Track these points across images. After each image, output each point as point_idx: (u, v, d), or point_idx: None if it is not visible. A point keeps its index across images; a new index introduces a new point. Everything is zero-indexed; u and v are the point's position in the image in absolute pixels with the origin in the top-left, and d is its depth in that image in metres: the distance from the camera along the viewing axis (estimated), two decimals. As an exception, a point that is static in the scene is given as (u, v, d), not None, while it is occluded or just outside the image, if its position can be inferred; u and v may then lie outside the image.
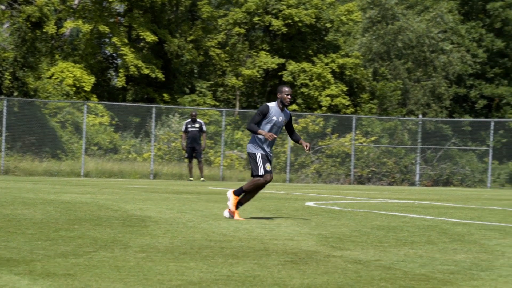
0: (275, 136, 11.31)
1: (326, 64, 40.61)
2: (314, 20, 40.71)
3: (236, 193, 11.52)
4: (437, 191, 29.33)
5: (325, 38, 42.19)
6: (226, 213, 11.60)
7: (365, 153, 36.19)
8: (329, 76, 39.98)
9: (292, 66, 40.01)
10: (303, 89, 39.78)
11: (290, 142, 34.86)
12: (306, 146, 11.50)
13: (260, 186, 11.49)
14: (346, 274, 6.45)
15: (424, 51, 43.29)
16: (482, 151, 37.54)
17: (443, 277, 6.52)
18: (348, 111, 39.81)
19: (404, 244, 8.91)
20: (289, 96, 11.35)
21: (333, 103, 39.59)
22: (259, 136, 11.31)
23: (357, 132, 36.49)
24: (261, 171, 11.32)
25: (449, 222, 12.31)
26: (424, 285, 6.09)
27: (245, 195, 11.58)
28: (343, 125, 36.65)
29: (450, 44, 44.08)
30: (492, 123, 37.03)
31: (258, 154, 11.35)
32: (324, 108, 39.47)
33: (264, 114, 11.25)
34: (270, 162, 11.50)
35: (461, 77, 45.64)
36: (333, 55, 40.93)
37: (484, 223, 12.45)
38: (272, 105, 11.38)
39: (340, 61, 40.69)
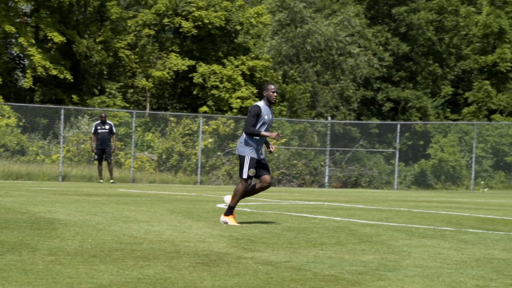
0: (281, 135, 11.42)
1: (237, 66, 40.72)
2: (224, 22, 40.78)
3: (228, 213, 11.46)
4: (345, 192, 29.72)
5: (235, 40, 42.31)
6: (222, 219, 11.57)
7: (276, 155, 36.43)
8: (240, 78, 40.10)
9: (203, 68, 39.99)
10: (214, 91, 39.80)
11: (201, 144, 34.82)
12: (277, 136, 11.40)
13: (243, 191, 11.42)
14: (257, 276, 6.49)
15: (333, 54, 43.83)
16: (389, 153, 38.23)
17: (351, 277, 6.62)
18: (258, 113, 39.99)
19: (314, 245, 9.01)
20: (275, 94, 11.37)
21: (243, 105, 39.72)
22: (254, 139, 11.26)
23: (267, 134, 36.69)
24: (244, 175, 11.30)
25: (357, 223, 12.49)
26: (333, 285, 6.18)
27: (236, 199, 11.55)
28: (253, 127, 36.79)
29: (358, 48, 44.73)
30: (399, 126, 37.75)
31: (248, 158, 11.30)
32: (234, 110, 39.57)
33: (258, 115, 11.23)
34: (266, 164, 11.51)
35: (368, 80, 46.37)
36: (243, 58, 41.07)
37: (391, 224, 12.68)
38: (261, 104, 11.34)
39: (250, 63, 40.85)
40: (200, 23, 40.27)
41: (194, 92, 40.61)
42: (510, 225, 13.27)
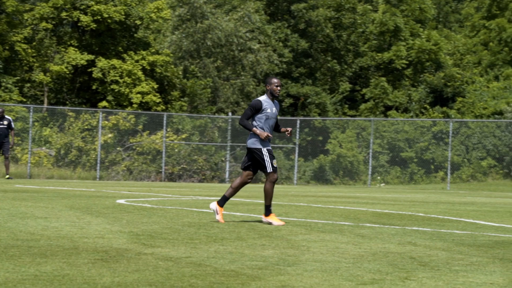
0: (271, 136, 11.25)
1: (137, 61, 40.40)
2: (124, 17, 40.39)
3: (267, 213, 11.41)
4: (246, 187, 29.85)
5: (135, 35, 41.97)
6: (264, 220, 11.51)
7: (176, 150, 36.32)
8: (140, 73, 39.80)
9: (102, 62, 39.52)
10: (114, 86, 39.39)
11: (100, 139, 34.42)
12: (287, 131, 11.61)
13: (244, 183, 11.47)
14: (157, 271, 6.47)
15: (233, 50, 43.94)
16: (288, 149, 38.59)
17: (251, 272, 6.67)
18: (159, 108, 39.79)
19: (215, 241, 9.03)
20: (278, 87, 11.35)
21: (144, 100, 39.45)
22: (262, 129, 11.24)
23: (168, 129, 36.56)
24: (269, 169, 11.22)
25: (258, 218, 12.57)
26: (233, 281, 6.21)
27: (265, 196, 11.44)
28: (154, 122, 36.60)
29: (258, 44, 44.97)
30: (298, 121, 38.14)
31: (264, 150, 11.23)
32: (135, 105, 39.26)
33: (258, 109, 11.19)
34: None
35: (269, 76, 46.70)
36: (144, 52, 40.77)
37: (291, 219, 12.81)
38: (264, 98, 11.33)
39: (151, 58, 40.59)
40: (99, 17, 39.78)
41: (94, 87, 40.11)
42: (405, 219, 13.58)
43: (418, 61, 49.80)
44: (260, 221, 11.88)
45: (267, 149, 11.21)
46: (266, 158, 11.20)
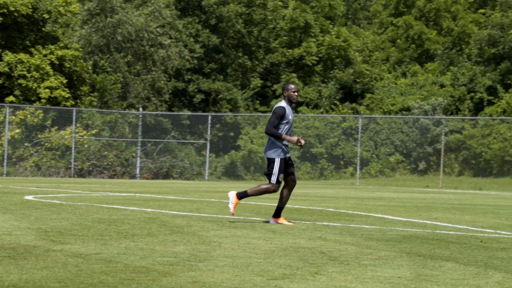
0: (300, 139, 11.16)
1: (45, 55, 39.72)
2: (31, 10, 39.66)
3: (240, 196, 11.43)
4: (157, 184, 29.72)
5: (43, 29, 41.27)
6: (271, 221, 11.43)
7: (86, 146, 35.88)
8: (48, 67, 39.14)
9: (9, 56, 38.72)
10: (21, 81, 38.65)
11: (7, 134, 33.74)
12: (302, 142, 11.41)
13: (266, 193, 11.38)
14: (66, 268, 6.39)
15: (144, 45, 43.63)
16: (200, 145, 38.55)
17: (163, 268, 6.64)
18: (68, 103, 39.23)
19: (125, 237, 8.97)
20: (296, 93, 11.26)
21: (52, 95, 38.82)
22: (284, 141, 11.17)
23: (78, 125, 36.09)
24: (273, 180, 11.17)
25: (169, 215, 12.54)
26: (144, 277, 6.18)
27: (280, 198, 11.45)
28: (63, 118, 36.08)
29: (169, 39, 44.77)
30: (210, 117, 38.14)
31: (277, 161, 11.19)
32: (43, 100, 38.60)
33: (282, 116, 11.12)
34: (291, 161, 11.39)
35: (180, 71, 46.52)
36: (52, 47, 40.11)
37: (202, 215, 12.82)
38: (284, 105, 11.25)
39: (59, 52, 39.96)
40: (5, 10, 38.95)
41: (0, 82, 39.27)
42: (315, 215, 13.73)
43: (328, 57, 50.36)
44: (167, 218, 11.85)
45: (280, 160, 11.19)
46: (276, 170, 11.19)
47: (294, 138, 11.07)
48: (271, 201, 17.44)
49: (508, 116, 40.63)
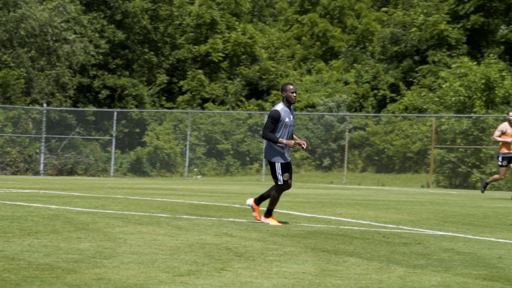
0: (296, 142, 11.04)
1: None
2: None
3: (268, 215, 11.35)
4: (61, 180, 29.30)
5: None
6: (264, 220, 11.41)
7: (-13, 142, 35.10)
8: None
9: None
10: None
11: None
12: (304, 145, 11.33)
13: (279, 195, 11.33)
14: (-32, 268, 6.27)
15: (48, 40, 42.90)
16: (105, 141, 38.17)
17: (67, 265, 6.58)
18: (-32, 99, 38.30)
19: (29, 234, 8.84)
20: (294, 94, 11.07)
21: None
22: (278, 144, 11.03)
23: (-22, 121, 35.28)
24: (280, 180, 11.11)
25: (73, 211, 12.40)
26: (48, 274, 6.11)
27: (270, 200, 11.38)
28: (-37, 114, 35.21)
29: (73, 34, 44.14)
30: (115, 113, 37.79)
31: (278, 165, 11.09)
32: None
33: (277, 120, 10.95)
34: (290, 166, 11.25)
35: (85, 67, 45.93)
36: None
37: (108, 211, 12.71)
38: (280, 107, 11.07)
39: (-40, 46, 38.96)
40: None
41: None
42: (221, 211, 13.77)
43: (234, 54, 50.48)
44: (75, 215, 11.72)
45: (281, 164, 11.14)
46: (279, 171, 11.16)
47: (291, 142, 11.03)
48: (177, 197, 17.42)
49: (410, 113, 41.51)
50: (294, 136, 11.42)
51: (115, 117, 37.50)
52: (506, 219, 13.46)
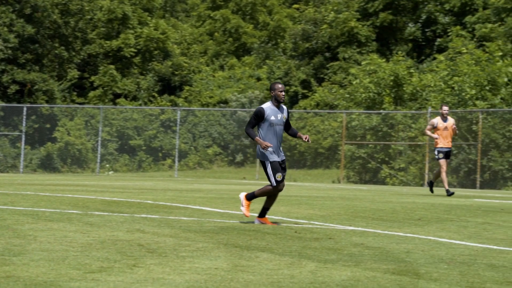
0: (270, 145, 10.72)
1: None
2: None
3: (248, 197, 11.14)
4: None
5: None
6: (256, 221, 11.21)
7: None
8: None
9: None
10: None
11: None
12: (306, 138, 11.05)
13: (272, 194, 11.11)
14: None
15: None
16: (14, 136, 37.48)
17: (-25, 264, 6.46)
18: None
19: None
20: (282, 93, 10.94)
21: None
22: (269, 139, 10.88)
23: None
24: (272, 182, 10.89)
25: (-19, 209, 12.16)
26: (-44, 273, 5.99)
27: (267, 198, 11.23)
28: None
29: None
30: (25, 109, 37.15)
31: (268, 164, 10.85)
32: None
33: (260, 117, 10.79)
34: (284, 165, 11.02)
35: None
36: None
37: (17, 208, 12.51)
38: (267, 105, 10.91)
39: None
40: None
41: None
42: (134, 207, 13.70)
43: (146, 49, 50.16)
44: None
45: (271, 162, 10.91)
46: (269, 171, 10.98)
47: (263, 143, 10.80)
48: (89, 194, 17.24)
49: (321, 109, 41.97)
50: (299, 133, 11.25)
51: (24, 113, 36.86)
52: (414, 214, 13.76)
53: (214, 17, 57.75)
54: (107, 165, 37.83)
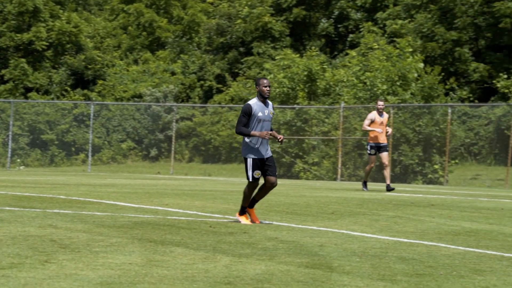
0: (270, 133, 10.64)
1: None
2: None
3: (240, 212, 10.94)
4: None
5: None
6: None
7: None
8: None
9: None
10: None
11: None
12: (280, 138, 10.84)
13: (253, 190, 10.87)
14: None
15: None
16: None
17: None
18: None
19: None
20: (267, 88, 10.78)
21: None
22: (249, 139, 10.74)
23: None
24: (249, 177, 10.74)
25: None
26: None
27: (257, 191, 11.02)
28: None
29: None
30: None
31: (250, 161, 10.70)
32: None
33: (249, 114, 10.64)
34: (270, 161, 10.86)
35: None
36: None
37: None
38: (254, 101, 10.76)
39: None
40: None
41: None
42: (46, 202, 13.50)
43: (58, 43, 49.43)
44: None
45: (252, 159, 10.78)
46: (249, 168, 10.83)
47: (264, 133, 10.70)
48: (0, 189, 16.93)
49: (236, 104, 42.06)
50: (273, 132, 11.06)
51: None
52: (327, 208, 13.93)
53: (128, 11, 57.26)
54: (18, 160, 37.17)
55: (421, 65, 33.66)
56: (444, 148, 29.96)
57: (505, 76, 36.88)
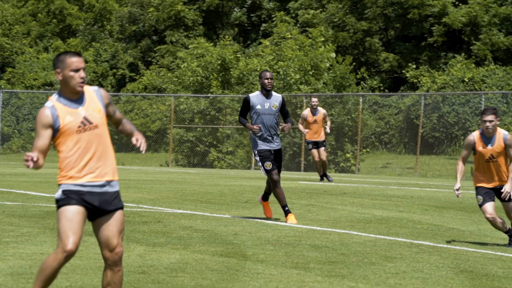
0: (257, 127, 10.32)
1: None
2: None
3: (285, 214, 10.38)
4: None
5: None
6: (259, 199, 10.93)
7: None
8: None
9: None
10: None
11: None
12: (282, 127, 10.59)
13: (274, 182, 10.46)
14: None
15: None
16: None
17: None
18: None
19: None
20: (268, 80, 10.51)
21: None
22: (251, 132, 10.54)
23: None
24: (263, 172, 10.44)
25: None
26: None
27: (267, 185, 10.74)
28: None
29: None
30: None
31: (256, 153, 10.50)
32: None
33: (247, 106, 10.49)
34: (279, 157, 10.66)
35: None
36: None
37: None
38: (254, 94, 10.55)
39: None
40: None
41: None
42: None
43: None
44: None
45: (258, 151, 10.54)
46: (258, 161, 10.68)
47: (253, 127, 10.42)
48: None
49: (149, 93, 41.80)
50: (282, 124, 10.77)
51: None
52: (242, 197, 13.98)
53: (37, -3, 56.23)
54: None
55: (333, 54, 34.01)
56: (355, 137, 30.37)
57: (414, 66, 37.61)
